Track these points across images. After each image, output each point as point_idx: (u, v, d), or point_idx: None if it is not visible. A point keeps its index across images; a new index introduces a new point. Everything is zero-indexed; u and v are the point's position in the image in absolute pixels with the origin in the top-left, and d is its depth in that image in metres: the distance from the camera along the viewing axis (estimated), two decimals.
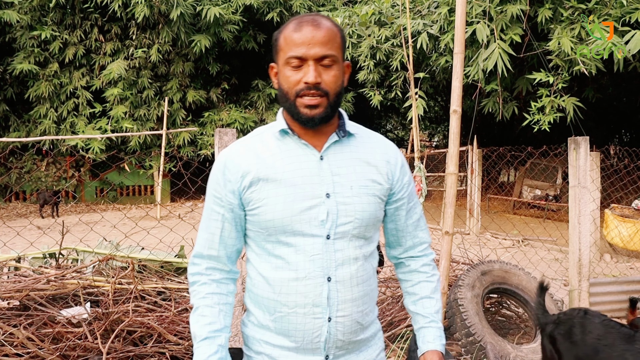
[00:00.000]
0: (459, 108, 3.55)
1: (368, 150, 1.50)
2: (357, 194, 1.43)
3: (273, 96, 15.65)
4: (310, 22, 1.37)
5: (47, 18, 14.05)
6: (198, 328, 1.43)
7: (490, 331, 3.62)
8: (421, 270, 1.62)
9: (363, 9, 9.57)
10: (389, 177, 1.50)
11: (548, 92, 7.49)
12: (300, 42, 1.35)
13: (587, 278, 4.14)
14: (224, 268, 1.50)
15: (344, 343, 1.45)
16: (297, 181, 1.40)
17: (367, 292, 1.48)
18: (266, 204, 1.40)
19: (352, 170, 1.45)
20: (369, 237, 1.49)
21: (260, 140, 1.48)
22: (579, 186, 4.08)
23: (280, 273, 1.42)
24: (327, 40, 1.36)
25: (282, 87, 1.42)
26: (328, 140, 1.45)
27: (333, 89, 1.39)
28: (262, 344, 1.49)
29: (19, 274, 3.43)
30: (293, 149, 1.44)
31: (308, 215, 1.39)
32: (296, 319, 1.42)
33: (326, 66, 1.37)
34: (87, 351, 2.84)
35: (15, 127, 14.58)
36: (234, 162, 1.45)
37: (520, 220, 11.50)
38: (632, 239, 7.36)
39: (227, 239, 1.48)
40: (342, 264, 1.42)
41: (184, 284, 3.50)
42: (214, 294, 1.47)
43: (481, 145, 11.11)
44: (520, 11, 7.17)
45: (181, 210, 13.49)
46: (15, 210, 13.34)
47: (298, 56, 1.36)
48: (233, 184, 1.44)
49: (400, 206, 1.56)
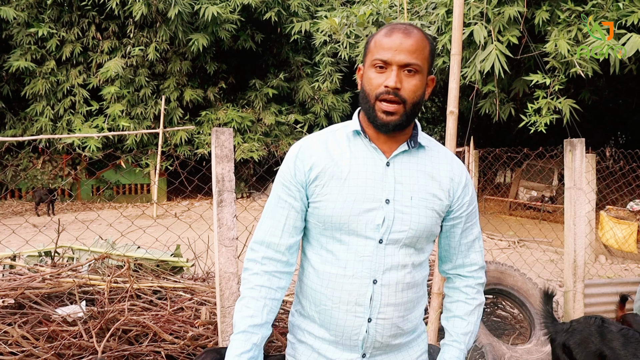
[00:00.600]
0: (456, 109, 3.56)
1: (434, 164, 1.51)
2: (416, 205, 1.45)
3: (270, 96, 15.64)
4: (402, 30, 1.39)
5: (44, 15, 14.00)
6: (239, 318, 1.45)
7: (486, 332, 3.63)
8: (463, 290, 1.64)
9: (361, 10, 9.56)
10: (450, 194, 1.51)
11: (545, 94, 7.50)
12: (388, 47, 1.38)
13: (582, 279, 4.15)
14: (281, 258, 1.51)
15: (382, 344, 1.48)
16: (361, 182, 1.43)
17: (411, 299, 1.50)
18: (328, 199, 1.43)
19: (415, 181, 1.47)
20: (420, 248, 1.50)
21: (333, 137, 1.51)
22: (575, 188, 4.09)
23: (329, 267, 1.46)
24: (415, 49, 1.38)
25: (364, 88, 1.44)
26: (398, 149, 1.47)
27: (412, 97, 1.40)
28: (306, 334, 1.53)
29: (14, 272, 3.42)
30: (362, 150, 1.47)
31: (366, 217, 1.42)
32: (338, 314, 1.45)
33: (409, 74, 1.38)
34: (82, 350, 2.83)
35: (11, 125, 14.53)
36: (306, 154, 1.48)
37: (516, 221, 11.53)
38: (626, 241, 7.39)
39: (291, 227, 1.50)
40: (389, 269, 1.45)
41: (180, 283, 3.50)
42: (262, 287, 1.48)
43: (478, 147, 11.14)
44: (517, 13, 7.19)
45: (177, 209, 13.47)
46: (11, 208, 13.29)
47: (384, 59, 1.38)
48: (302, 175, 1.47)
49: (456, 224, 1.57)
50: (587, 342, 2.64)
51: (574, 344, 2.68)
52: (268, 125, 15.44)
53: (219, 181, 2.75)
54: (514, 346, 3.73)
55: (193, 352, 3.00)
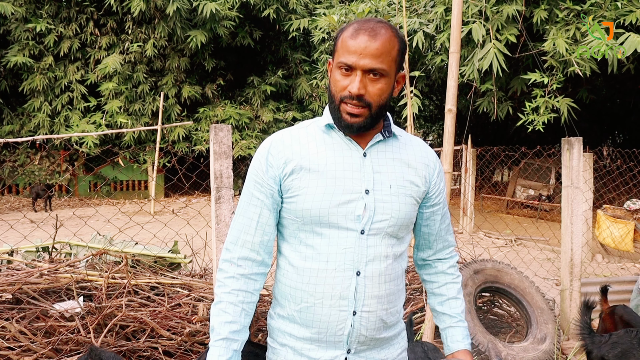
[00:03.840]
0: (454, 107, 3.56)
1: (409, 152, 1.52)
2: (395, 193, 1.46)
3: (268, 93, 15.64)
4: (369, 31, 1.36)
5: (42, 11, 13.97)
6: (218, 324, 1.45)
7: (483, 329, 3.64)
8: (448, 272, 1.67)
9: (359, 7, 9.56)
10: (426, 180, 1.53)
11: (542, 93, 7.52)
12: (353, 51, 1.35)
13: (578, 278, 4.17)
14: (256, 258, 1.49)
15: (367, 339, 1.47)
16: (339, 174, 1.42)
17: (393, 292, 1.50)
18: (305, 193, 1.42)
19: (392, 169, 1.47)
20: (401, 237, 1.51)
21: (305, 131, 1.50)
22: (572, 186, 4.10)
23: (310, 263, 1.44)
24: (381, 52, 1.35)
25: (330, 87, 1.44)
26: (373, 139, 1.47)
27: (377, 101, 1.39)
28: (287, 336, 1.51)
29: (11, 268, 3.41)
30: (337, 143, 1.46)
31: (345, 209, 1.41)
32: (322, 310, 1.44)
33: (374, 78, 1.37)
34: (79, 345, 2.84)
35: (9, 120, 14.50)
36: (278, 149, 1.46)
37: (513, 220, 11.55)
38: (623, 240, 7.41)
39: (265, 225, 1.48)
40: (372, 260, 1.44)
41: (178, 279, 3.50)
42: (240, 291, 1.47)
43: (475, 145, 11.14)
44: (516, 11, 7.20)
45: (175, 205, 13.46)
46: (9, 204, 13.27)
47: (348, 64, 1.36)
48: (275, 170, 1.45)
49: (436, 210, 1.60)
50: (627, 355, 2.56)
51: (614, 357, 2.59)
52: (266, 122, 15.43)
53: (217, 178, 2.76)
54: (511, 344, 3.75)
55: (190, 348, 3.01)
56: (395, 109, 17.08)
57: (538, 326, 3.85)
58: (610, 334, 2.74)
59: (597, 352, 2.67)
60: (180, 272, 3.84)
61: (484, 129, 19.22)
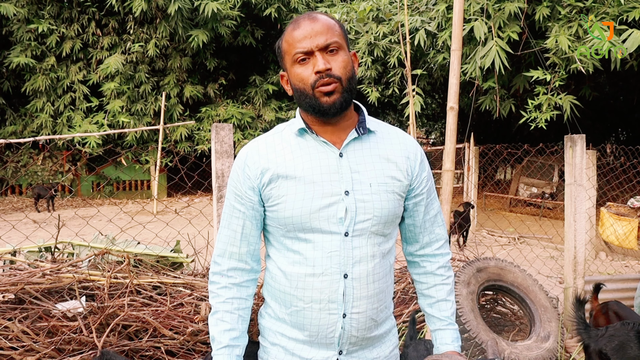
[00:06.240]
0: (456, 105, 3.55)
1: (387, 146, 1.49)
2: (376, 191, 1.43)
3: (270, 92, 15.63)
4: (306, 18, 1.39)
5: (44, 11, 13.99)
6: (218, 333, 1.46)
7: (486, 328, 3.63)
8: (437, 273, 1.63)
9: (361, 5, 9.55)
10: (408, 173, 1.49)
11: (545, 90, 7.50)
12: (302, 37, 1.37)
13: (582, 276, 4.16)
14: (245, 267, 1.51)
15: (358, 339, 1.46)
16: (317, 178, 1.40)
17: (382, 290, 1.49)
18: (285, 201, 1.40)
19: (371, 167, 1.44)
20: (387, 234, 1.49)
21: (280, 137, 1.49)
22: (575, 184, 4.09)
23: (297, 268, 1.43)
24: (327, 29, 1.38)
25: (296, 87, 1.42)
26: (347, 137, 1.44)
27: (344, 73, 1.39)
28: (278, 336, 1.51)
29: (14, 268, 3.42)
30: (312, 146, 1.44)
31: (326, 213, 1.40)
32: (311, 313, 1.43)
33: (332, 54, 1.38)
34: (82, 345, 2.84)
35: (11, 121, 14.54)
36: (254, 159, 1.46)
37: (516, 218, 11.53)
38: (627, 237, 7.39)
39: (249, 236, 1.49)
40: (359, 262, 1.43)
41: (180, 278, 3.50)
42: (234, 299, 1.48)
43: (478, 143, 11.13)
44: (518, 9, 7.18)
45: (177, 205, 13.48)
46: (11, 204, 13.31)
47: (303, 51, 1.37)
48: (253, 181, 1.45)
49: (419, 202, 1.55)
50: (625, 348, 2.54)
51: (612, 350, 2.57)
52: (268, 121, 15.43)
53: (218, 177, 2.75)
54: (514, 342, 3.73)
55: (192, 348, 3.00)
56: (397, 107, 17.06)
57: (542, 324, 3.83)
58: (606, 327, 2.72)
59: (595, 345, 2.66)
60: (182, 272, 3.84)
61: (487, 127, 19.19)
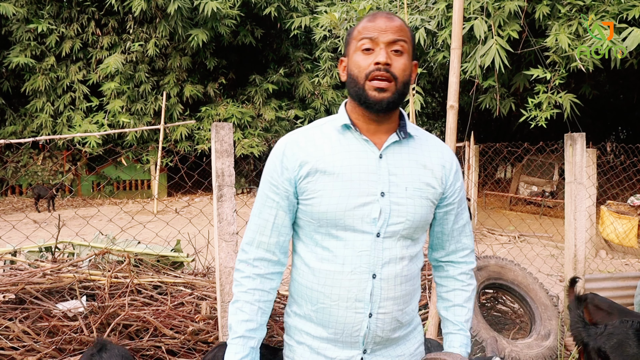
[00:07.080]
0: (456, 103, 3.55)
1: (425, 153, 1.50)
2: (411, 195, 1.44)
3: (270, 91, 15.62)
4: (384, 14, 1.41)
5: (43, 11, 13.98)
6: (235, 322, 1.47)
7: (486, 326, 3.63)
8: (458, 278, 1.64)
9: (361, 4, 9.53)
10: (443, 181, 1.51)
11: (545, 89, 7.49)
12: (374, 29, 1.38)
13: (582, 274, 4.15)
14: (272, 258, 1.50)
15: (382, 339, 1.47)
16: (355, 177, 1.40)
17: (409, 292, 1.49)
18: (321, 195, 1.40)
19: (408, 171, 1.45)
20: (416, 239, 1.50)
21: (320, 131, 1.48)
22: (575, 182, 4.08)
23: (326, 265, 1.44)
24: (399, 30, 1.39)
25: (351, 73, 1.42)
26: (388, 140, 1.45)
27: (402, 75, 1.39)
28: (304, 335, 1.51)
29: (14, 268, 3.42)
30: (353, 144, 1.44)
31: (361, 212, 1.40)
32: (338, 311, 1.44)
33: (397, 53, 1.39)
34: (83, 345, 2.84)
35: (11, 121, 14.54)
36: (293, 151, 1.45)
37: (516, 216, 11.53)
38: (627, 236, 7.39)
39: (280, 226, 1.49)
40: (388, 263, 1.43)
41: (180, 278, 3.50)
42: (256, 290, 1.48)
43: (478, 141, 11.12)
44: (518, 7, 7.17)
45: (178, 204, 13.48)
46: (12, 204, 13.31)
47: (371, 37, 1.38)
48: (290, 172, 1.44)
49: (449, 210, 1.57)
50: (624, 345, 2.55)
51: (611, 348, 2.58)
52: (268, 120, 15.43)
53: (219, 176, 2.75)
54: (514, 340, 3.73)
55: (193, 347, 3.01)
56: None
57: (542, 322, 3.83)
58: (605, 325, 2.72)
59: (594, 344, 2.66)
60: (183, 271, 3.84)
61: (487, 126, 19.19)
